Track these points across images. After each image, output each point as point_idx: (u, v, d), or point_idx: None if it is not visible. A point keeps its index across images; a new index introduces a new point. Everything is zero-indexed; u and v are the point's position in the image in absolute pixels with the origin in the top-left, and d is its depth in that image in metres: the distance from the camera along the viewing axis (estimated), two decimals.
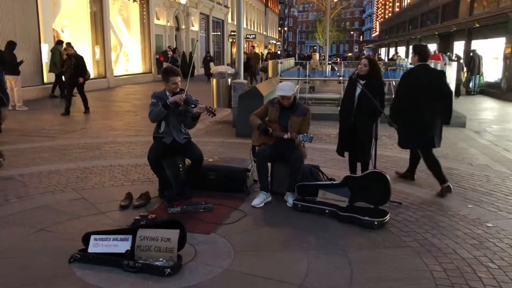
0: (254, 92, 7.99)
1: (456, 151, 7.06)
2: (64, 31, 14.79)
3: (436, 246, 3.51)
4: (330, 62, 23.99)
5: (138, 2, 20.06)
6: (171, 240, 3.06)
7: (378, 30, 60.77)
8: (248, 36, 39.20)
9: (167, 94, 4.40)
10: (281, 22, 72.91)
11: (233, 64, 24.14)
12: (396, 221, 4.01)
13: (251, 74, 19.39)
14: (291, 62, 22.87)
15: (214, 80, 9.30)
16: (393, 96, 5.56)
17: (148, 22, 20.59)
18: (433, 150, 4.88)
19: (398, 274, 3.06)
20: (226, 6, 34.81)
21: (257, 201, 4.34)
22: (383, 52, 45.15)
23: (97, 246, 3.17)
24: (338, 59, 40.51)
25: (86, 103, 10.17)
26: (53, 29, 13.96)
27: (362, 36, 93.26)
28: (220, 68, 10.05)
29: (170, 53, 20.52)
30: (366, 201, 4.20)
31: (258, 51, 33.63)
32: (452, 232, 3.78)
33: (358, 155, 4.94)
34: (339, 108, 5.23)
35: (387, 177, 4.11)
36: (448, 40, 24.56)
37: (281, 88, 4.42)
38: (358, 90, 4.71)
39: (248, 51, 23.07)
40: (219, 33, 34.47)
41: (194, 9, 26.65)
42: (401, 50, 37.46)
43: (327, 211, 4.10)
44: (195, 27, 27.43)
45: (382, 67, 19.29)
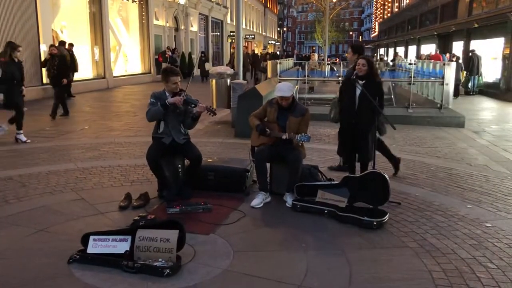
0: (253, 92, 7.99)
1: (455, 151, 7.07)
2: (63, 32, 14.78)
3: (435, 246, 3.51)
4: (329, 63, 23.99)
5: (137, 3, 20.05)
6: (170, 240, 3.06)
7: (377, 30, 60.82)
8: (247, 36, 39.16)
9: (167, 94, 4.40)
10: (280, 22, 72.89)
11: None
12: (395, 221, 4.01)
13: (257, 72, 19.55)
14: (290, 62, 22.84)
15: (214, 80, 9.30)
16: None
17: (147, 22, 20.58)
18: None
19: (397, 274, 3.06)
20: (225, 7, 34.79)
21: (256, 201, 4.34)
22: (382, 52, 45.22)
23: (96, 246, 3.17)
24: (337, 60, 40.52)
25: (64, 106, 9.68)
26: (52, 29, 13.94)
27: (361, 37, 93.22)
28: (219, 68, 10.05)
29: (169, 53, 20.52)
30: (365, 201, 4.20)
31: (257, 51, 33.65)
32: (451, 232, 3.79)
33: (360, 155, 4.94)
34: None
35: (386, 177, 4.11)
36: (447, 40, 24.58)
37: (279, 88, 4.41)
38: (358, 91, 4.71)
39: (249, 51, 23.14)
40: (218, 33, 34.48)
41: (193, 9, 26.64)
42: (400, 50, 37.50)
43: (326, 211, 4.10)
44: (194, 28, 27.42)
45: (385, 68, 19.31)
